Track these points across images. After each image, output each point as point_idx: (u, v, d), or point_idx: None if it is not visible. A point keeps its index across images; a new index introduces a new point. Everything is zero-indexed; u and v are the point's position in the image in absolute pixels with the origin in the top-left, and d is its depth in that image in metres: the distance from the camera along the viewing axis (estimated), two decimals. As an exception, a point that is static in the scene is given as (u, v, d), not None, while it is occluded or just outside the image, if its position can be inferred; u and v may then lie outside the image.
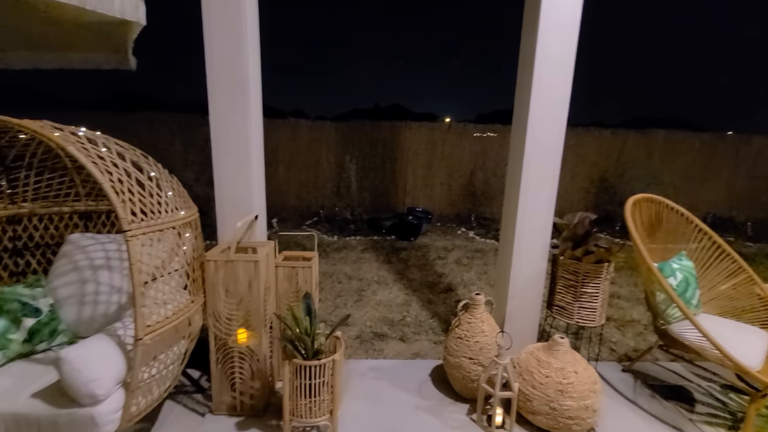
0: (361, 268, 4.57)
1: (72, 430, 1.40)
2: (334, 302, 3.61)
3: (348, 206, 6.48)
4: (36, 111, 3.71)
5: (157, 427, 1.96)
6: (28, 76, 3.01)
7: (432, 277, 4.35)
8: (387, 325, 3.20)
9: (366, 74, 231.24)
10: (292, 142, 7.21)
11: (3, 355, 1.58)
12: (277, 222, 6.53)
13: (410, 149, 7.23)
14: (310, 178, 7.21)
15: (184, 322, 1.72)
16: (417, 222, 6.03)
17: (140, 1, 1.95)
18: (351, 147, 7.05)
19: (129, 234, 1.42)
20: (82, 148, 1.41)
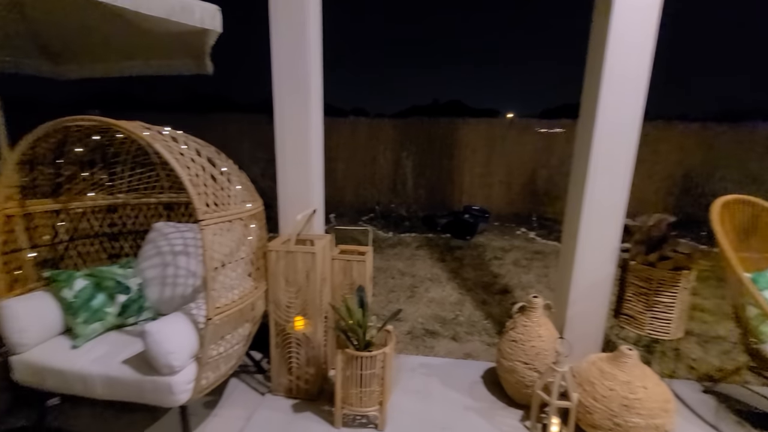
0: (415, 265, 4.58)
1: (153, 395, 1.58)
2: (387, 297, 3.66)
3: (403, 203, 6.52)
4: (131, 113, 4.23)
5: (222, 401, 2.15)
6: (124, 82, 3.40)
7: (487, 277, 4.23)
8: (439, 323, 3.18)
9: (426, 71, 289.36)
10: (351, 139, 7.39)
11: (101, 325, 1.83)
12: (335, 217, 6.75)
13: (468, 146, 7.07)
14: (367, 175, 7.35)
15: (248, 306, 1.86)
16: (473, 221, 5.89)
17: (217, 11, 2.12)
18: (408, 144, 7.06)
19: (203, 223, 1.56)
20: (167, 146, 1.58)
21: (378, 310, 3.37)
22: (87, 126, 1.71)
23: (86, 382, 1.61)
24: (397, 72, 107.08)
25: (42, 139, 1.67)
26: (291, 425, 1.97)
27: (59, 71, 3.30)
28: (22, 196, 1.81)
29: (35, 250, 1.90)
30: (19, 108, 3.03)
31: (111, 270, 1.96)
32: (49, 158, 1.86)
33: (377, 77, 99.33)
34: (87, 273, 1.87)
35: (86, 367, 1.62)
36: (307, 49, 2.09)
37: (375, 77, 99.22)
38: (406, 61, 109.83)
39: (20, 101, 4.86)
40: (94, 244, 2.21)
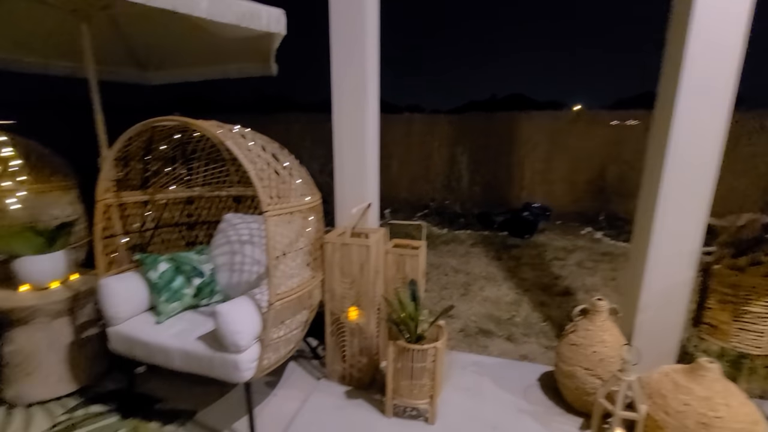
0: (469, 263, 4.49)
1: (222, 370, 1.73)
2: (439, 294, 3.64)
3: (458, 200, 6.41)
4: (206, 114, 4.61)
5: (282, 382, 2.29)
6: (199, 86, 3.72)
7: (547, 278, 4.03)
8: (493, 322, 3.10)
9: (485, 66, 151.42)
10: (407, 136, 7.41)
11: (180, 305, 2.04)
12: (390, 212, 6.82)
13: (529, 141, 6.76)
14: (422, 171, 7.33)
15: (305, 294, 1.96)
16: (533, 218, 5.63)
17: (282, 14, 2.24)
18: (463, 140, 6.92)
19: (267, 214, 1.68)
20: (236, 143, 1.71)
21: (430, 305, 3.36)
22: (170, 126, 1.90)
23: (167, 355, 1.81)
24: (454, 67, 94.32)
25: (134, 138, 1.89)
26: (343, 410, 2.05)
27: (146, 78, 3.70)
28: (117, 188, 2.07)
29: (127, 236, 2.16)
30: (114, 112, 3.44)
31: (188, 256, 2.17)
32: (139, 155, 2.11)
33: (434, 74, 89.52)
34: (168, 257, 2.09)
35: (167, 341, 1.82)
36: (364, 50, 2.14)
37: (431, 74, 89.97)
38: (463, 56, 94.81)
39: (116, 106, 5.51)
40: (174, 232, 2.46)
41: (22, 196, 2.35)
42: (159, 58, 3.52)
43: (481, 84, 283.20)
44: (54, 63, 3.11)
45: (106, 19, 2.84)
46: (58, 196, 2.60)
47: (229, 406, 2.08)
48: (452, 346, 2.73)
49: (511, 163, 6.87)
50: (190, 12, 1.89)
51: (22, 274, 2.06)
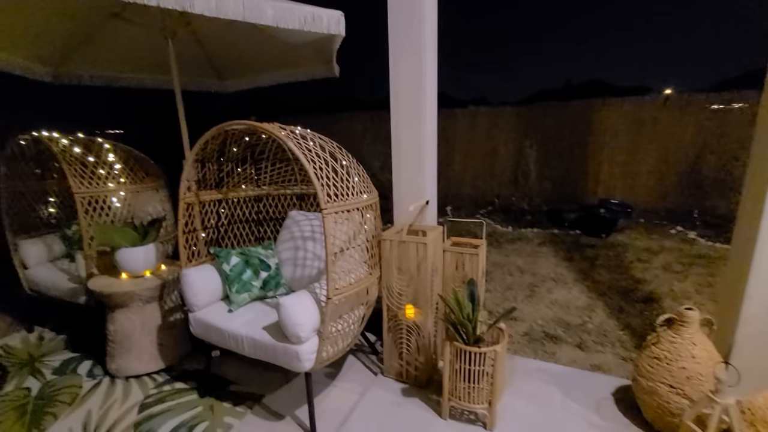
0: (537, 263, 4.24)
1: (284, 359, 1.83)
2: (503, 294, 3.49)
3: (525, 196, 6.07)
4: (278, 117, 4.92)
5: (341, 374, 2.36)
6: (272, 90, 3.94)
7: (627, 282, 3.66)
8: (562, 327, 2.89)
9: (558, 51, 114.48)
10: (470, 130, 7.20)
11: (249, 296, 2.19)
12: (452, 210, 6.69)
13: (607, 131, 6.17)
14: (487, 166, 7.06)
15: (363, 290, 1.99)
16: (611, 216, 5.15)
17: (341, 16, 2.29)
18: (532, 132, 6.54)
19: (325, 212, 1.73)
20: (297, 143, 1.78)
21: (492, 306, 3.24)
22: (240, 129, 2.05)
23: (237, 341, 1.96)
24: (523, 55, 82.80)
25: (209, 141, 2.07)
26: (400, 407, 2.05)
27: (224, 86, 4.03)
28: (196, 188, 2.28)
29: (205, 231, 2.37)
30: (199, 118, 3.79)
31: (257, 250, 2.32)
32: (214, 157, 2.30)
33: (500, 64, 78.72)
34: (239, 251, 2.26)
35: (238, 329, 1.97)
36: (421, 44, 2.10)
37: (498, 64, 78.45)
38: (533, 41, 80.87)
39: (201, 112, 6.05)
40: (244, 228, 2.65)
41: (122, 195, 2.69)
42: (234, 67, 3.81)
43: (554, 71, 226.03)
44: (145, 77, 3.51)
45: (188, 34, 3.14)
46: (151, 196, 2.94)
47: (292, 394, 2.20)
48: (515, 350, 2.60)
49: (586, 155, 6.33)
50: (258, 20, 2.01)
51: (121, 264, 2.37)
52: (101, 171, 2.65)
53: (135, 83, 3.55)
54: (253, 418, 2.04)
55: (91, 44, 2.98)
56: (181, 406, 2.13)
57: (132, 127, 9.05)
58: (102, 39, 2.94)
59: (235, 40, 3.18)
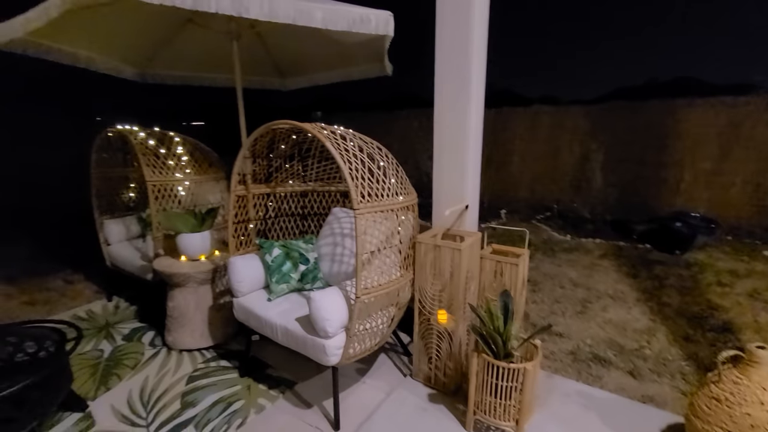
0: (593, 277, 3.93)
1: (313, 351, 1.90)
2: (550, 307, 3.28)
3: (587, 203, 5.64)
4: (341, 113, 5.03)
5: (371, 371, 2.39)
6: (336, 87, 4.02)
7: (700, 306, 3.25)
8: (614, 350, 2.65)
9: (643, 43, 44.04)
10: (531, 130, 6.83)
11: (287, 287, 2.30)
12: (506, 213, 6.42)
13: (690, 134, 5.50)
14: (547, 169, 6.66)
15: (394, 291, 2.00)
16: (688, 230, 4.61)
17: (390, 16, 2.29)
18: (600, 134, 6.03)
19: (357, 212, 1.75)
20: (335, 143, 1.83)
21: (537, 319, 3.07)
22: (285, 128, 2.14)
23: (272, 329, 2.07)
24: (604, 47, 65.41)
25: (258, 139, 2.19)
26: (425, 412, 2.03)
27: (284, 84, 4.23)
28: (247, 182, 2.43)
29: (253, 222, 2.53)
30: (266, 113, 4.01)
31: (297, 244, 2.43)
32: (264, 153, 2.43)
33: (574, 58, 61.38)
34: (281, 244, 2.37)
35: (273, 317, 2.08)
36: (468, 39, 2.03)
37: (572, 58, 60.94)
38: (611, 30, 60.25)
39: (267, 108, 6.43)
40: (290, 221, 2.78)
41: (187, 185, 2.96)
42: (294, 66, 3.99)
43: (635, 66, 40.93)
44: (215, 76, 3.80)
45: (254, 36, 3.34)
46: (212, 186, 3.19)
47: (322, 385, 2.27)
48: (556, 369, 2.44)
49: (663, 161, 5.70)
50: (308, 23, 2.08)
51: (180, 247, 2.61)
52: (170, 162, 2.93)
53: (207, 82, 3.87)
54: (284, 403, 2.15)
55: (169, 47, 3.30)
56: (222, 383, 2.30)
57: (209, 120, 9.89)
58: (178, 42, 3.24)
59: (294, 41, 3.32)
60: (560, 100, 10.64)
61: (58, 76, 3.34)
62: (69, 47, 2.76)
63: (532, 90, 14.18)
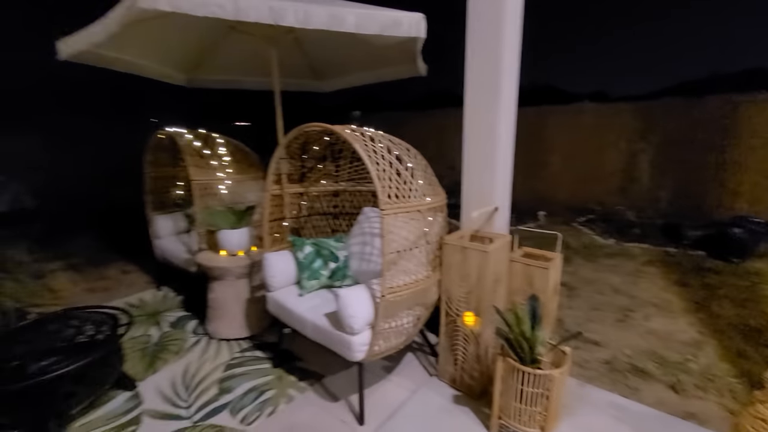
0: (637, 284, 3.72)
1: (339, 347, 1.96)
2: (587, 315, 3.15)
3: (634, 206, 5.32)
4: (379, 113, 5.05)
5: (398, 369, 2.42)
6: (374, 87, 4.07)
7: (758, 320, 2.99)
8: (655, 362, 2.51)
9: (704, 31, 22.65)
10: (574, 128, 6.55)
11: (317, 283, 2.39)
12: (545, 216, 6.20)
13: (758, 133, 5.03)
14: (590, 170, 6.36)
15: (419, 291, 2.01)
16: (750, 237, 4.24)
17: (422, 18, 2.30)
18: (650, 132, 5.66)
19: (383, 212, 1.79)
20: (363, 145, 1.87)
21: (572, 326, 2.96)
22: (317, 130, 2.22)
23: (302, 323, 2.16)
24: (661, 38, 55.80)
25: (292, 141, 2.29)
26: (448, 413, 2.03)
27: (321, 86, 4.35)
28: (281, 182, 2.54)
29: (287, 220, 2.63)
30: (307, 113, 4.13)
31: (328, 242, 2.50)
32: (298, 154, 2.53)
33: (627, 51, 52.59)
34: (312, 242, 2.46)
35: (303, 312, 2.16)
36: (499, 34, 1.99)
37: (623, 52, 52.05)
38: (675, 22, 49.97)
39: (309, 108, 6.61)
40: (322, 220, 2.87)
41: (228, 183, 3.13)
42: (330, 69, 4.09)
43: (695, 57, 26.20)
44: (256, 80, 3.98)
45: (292, 41, 3.47)
46: (252, 185, 3.35)
47: (349, 379, 2.33)
48: (589, 378, 2.35)
49: (722, 161, 5.26)
50: (340, 28, 2.14)
51: (220, 243, 2.77)
52: (214, 162, 3.11)
53: (247, 85, 4.06)
54: (312, 395, 2.23)
55: (214, 54, 3.51)
56: (256, 372, 2.43)
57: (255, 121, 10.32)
58: (222, 49, 3.43)
59: (330, 45, 3.41)
60: (609, 96, 10.08)
61: (117, 82, 3.65)
62: (126, 57, 3.02)
63: (580, 86, 13.45)
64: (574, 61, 13.18)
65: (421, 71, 3.42)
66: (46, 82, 7.45)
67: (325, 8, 2.08)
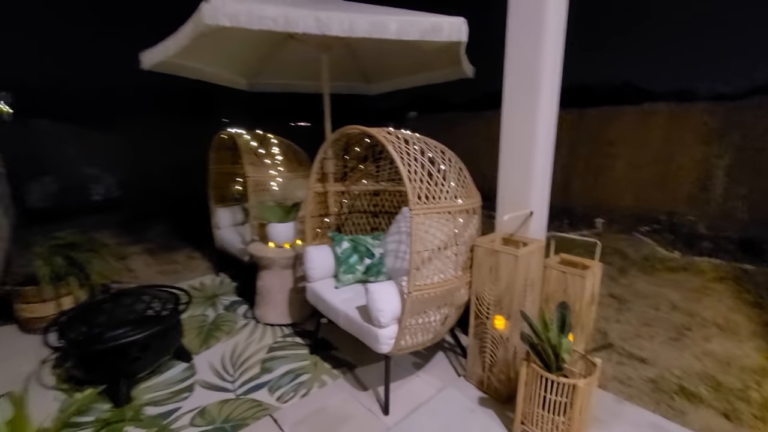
0: (701, 302, 3.40)
1: (368, 338, 2.06)
2: (636, 330, 2.96)
3: (705, 216, 4.83)
4: (435, 113, 5.07)
5: (426, 367, 2.48)
6: (431, 88, 4.10)
7: None
8: (709, 386, 2.31)
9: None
10: (641, 131, 6.06)
11: (352, 277, 2.51)
12: (603, 223, 5.84)
13: None
14: (658, 176, 5.86)
15: (446, 291, 2.05)
16: None
17: (463, 23, 2.33)
18: (729, 136, 5.09)
19: (413, 212, 1.86)
20: (397, 147, 1.96)
21: (618, 341, 2.80)
22: (357, 132, 2.34)
23: (336, 314, 2.30)
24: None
25: (334, 142, 2.43)
26: (472, 413, 2.05)
27: (370, 89, 4.50)
28: (324, 180, 2.71)
29: (328, 217, 2.80)
30: (365, 113, 4.28)
31: (365, 239, 2.62)
32: (340, 155, 2.68)
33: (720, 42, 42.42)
34: (350, 238, 2.59)
35: (338, 304, 2.30)
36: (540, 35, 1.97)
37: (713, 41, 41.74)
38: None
39: (367, 108, 6.83)
40: (362, 217, 3.00)
41: (280, 181, 3.38)
42: (379, 72, 4.22)
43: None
44: (309, 84, 4.22)
45: (343, 47, 3.64)
46: (301, 183, 3.58)
47: (379, 371, 2.43)
48: (630, 395, 2.23)
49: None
50: (382, 35, 2.25)
51: (269, 235, 3.01)
52: (267, 160, 3.38)
53: (302, 89, 4.32)
54: (343, 382, 2.36)
55: (272, 60, 3.79)
56: (294, 357, 2.61)
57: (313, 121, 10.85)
58: (279, 56, 3.70)
59: (378, 49, 3.54)
60: (696, 94, 9.21)
61: (193, 87, 4.09)
62: (195, 65, 3.37)
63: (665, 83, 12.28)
64: (663, 53, 11.91)
65: (467, 73, 3.42)
66: (135, 89, 8.50)
67: (367, 17, 2.19)
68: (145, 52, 2.80)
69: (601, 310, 3.26)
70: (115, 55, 8.35)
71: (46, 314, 2.86)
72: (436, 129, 9.09)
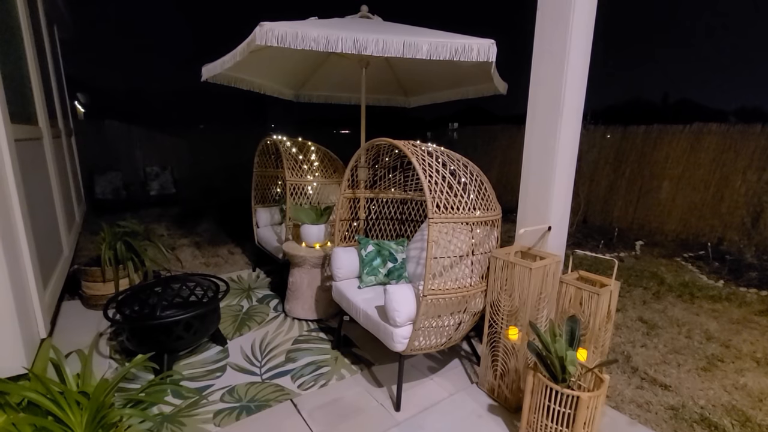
0: (740, 334, 3.22)
1: (384, 336, 2.20)
2: (663, 356, 2.87)
3: (756, 245, 4.53)
4: (482, 125, 5.16)
5: (441, 372, 2.56)
6: (481, 99, 4.23)
7: None
8: (735, 419, 2.22)
9: None
10: (692, 152, 5.81)
11: (374, 279, 2.66)
12: (642, 245, 5.61)
13: None
14: (707, 199, 5.56)
15: (461, 298, 2.15)
16: None
17: (492, 44, 2.45)
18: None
19: (431, 220, 1.99)
20: (420, 159, 2.10)
21: (642, 365, 2.74)
22: (386, 143, 2.51)
23: (357, 312, 2.45)
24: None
25: (365, 152, 2.61)
26: (479, 418, 2.12)
27: (408, 102, 4.68)
28: (354, 187, 2.89)
29: (357, 221, 2.97)
30: (407, 122, 4.47)
31: (389, 244, 2.77)
32: (370, 164, 2.86)
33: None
34: (375, 243, 2.75)
35: (359, 302, 2.46)
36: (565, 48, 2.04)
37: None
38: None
39: (411, 117, 7.01)
40: (389, 224, 3.15)
41: (315, 186, 3.62)
42: (416, 86, 4.39)
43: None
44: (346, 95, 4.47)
45: (382, 61, 3.86)
46: (335, 188, 3.81)
47: (395, 371, 2.55)
48: (646, 419, 2.20)
49: None
50: (414, 55, 2.41)
51: (302, 236, 3.23)
52: (305, 166, 3.63)
53: (343, 100, 4.59)
54: (360, 378, 2.50)
55: (316, 74, 4.08)
56: (317, 350, 2.79)
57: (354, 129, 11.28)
58: (323, 70, 3.98)
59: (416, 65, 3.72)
60: (752, 114, 8.72)
61: (248, 97, 4.47)
62: (248, 77, 3.71)
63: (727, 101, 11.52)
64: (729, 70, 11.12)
65: (500, 90, 3.51)
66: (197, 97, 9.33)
67: (401, 38, 2.37)
68: (205, 66, 3.15)
69: (629, 333, 3.19)
70: (181, 65, 9.17)
71: (106, 293, 3.25)
72: (477, 140, 9.15)
